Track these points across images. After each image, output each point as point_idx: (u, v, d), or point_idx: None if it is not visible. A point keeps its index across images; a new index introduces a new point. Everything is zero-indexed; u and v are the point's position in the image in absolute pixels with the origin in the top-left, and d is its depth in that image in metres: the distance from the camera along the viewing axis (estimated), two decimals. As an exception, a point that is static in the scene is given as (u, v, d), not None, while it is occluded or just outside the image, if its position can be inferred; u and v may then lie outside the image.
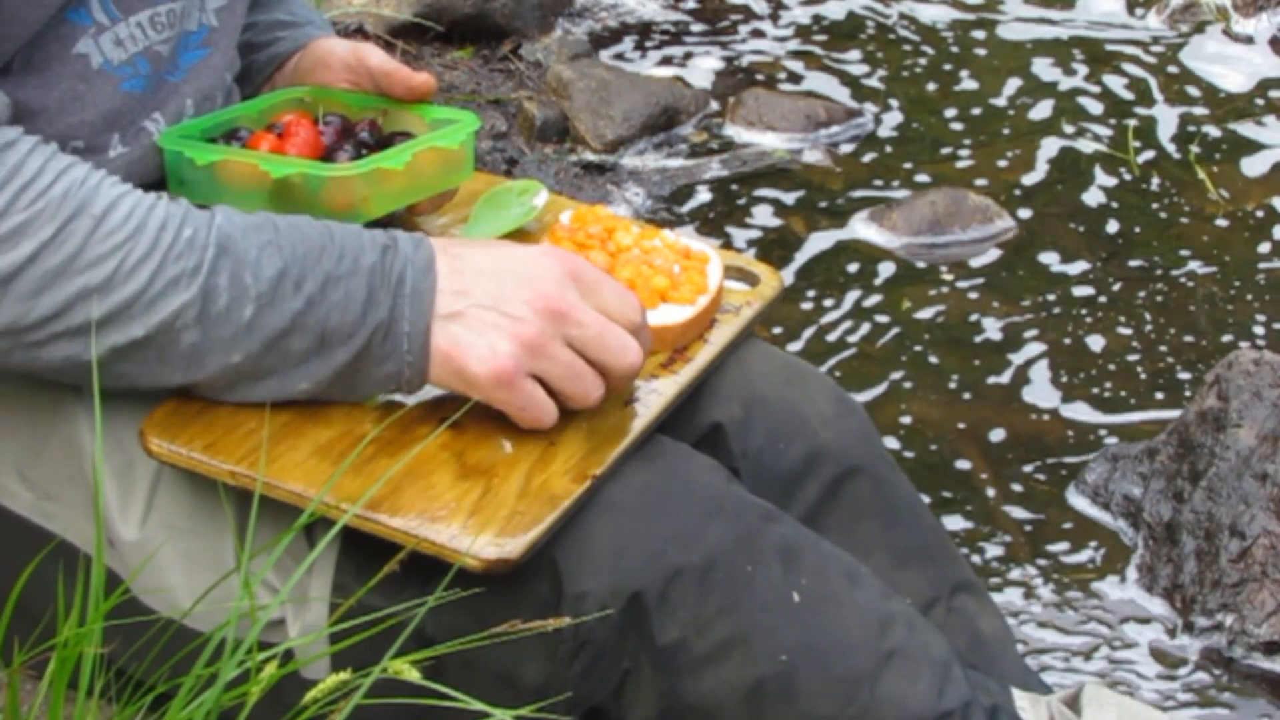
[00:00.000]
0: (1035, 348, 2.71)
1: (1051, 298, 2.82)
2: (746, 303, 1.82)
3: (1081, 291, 2.83)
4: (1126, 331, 2.74)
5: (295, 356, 1.55)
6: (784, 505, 1.76)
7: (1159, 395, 2.62)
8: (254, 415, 1.62)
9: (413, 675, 1.42)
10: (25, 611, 1.56)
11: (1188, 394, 2.62)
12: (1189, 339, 2.73)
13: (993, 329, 2.74)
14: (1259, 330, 2.75)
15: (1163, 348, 2.72)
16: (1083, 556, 2.35)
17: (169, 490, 1.63)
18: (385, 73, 1.83)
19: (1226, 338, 2.74)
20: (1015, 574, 2.32)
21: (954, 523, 2.38)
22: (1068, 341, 2.73)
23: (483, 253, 1.60)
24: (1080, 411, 2.60)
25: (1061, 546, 2.37)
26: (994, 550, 2.35)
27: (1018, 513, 2.42)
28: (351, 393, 1.59)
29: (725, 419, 1.79)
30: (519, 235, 1.85)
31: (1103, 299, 2.81)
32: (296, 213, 1.70)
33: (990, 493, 2.45)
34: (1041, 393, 2.63)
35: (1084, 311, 2.79)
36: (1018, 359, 2.69)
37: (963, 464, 2.49)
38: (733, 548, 1.63)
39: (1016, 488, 2.46)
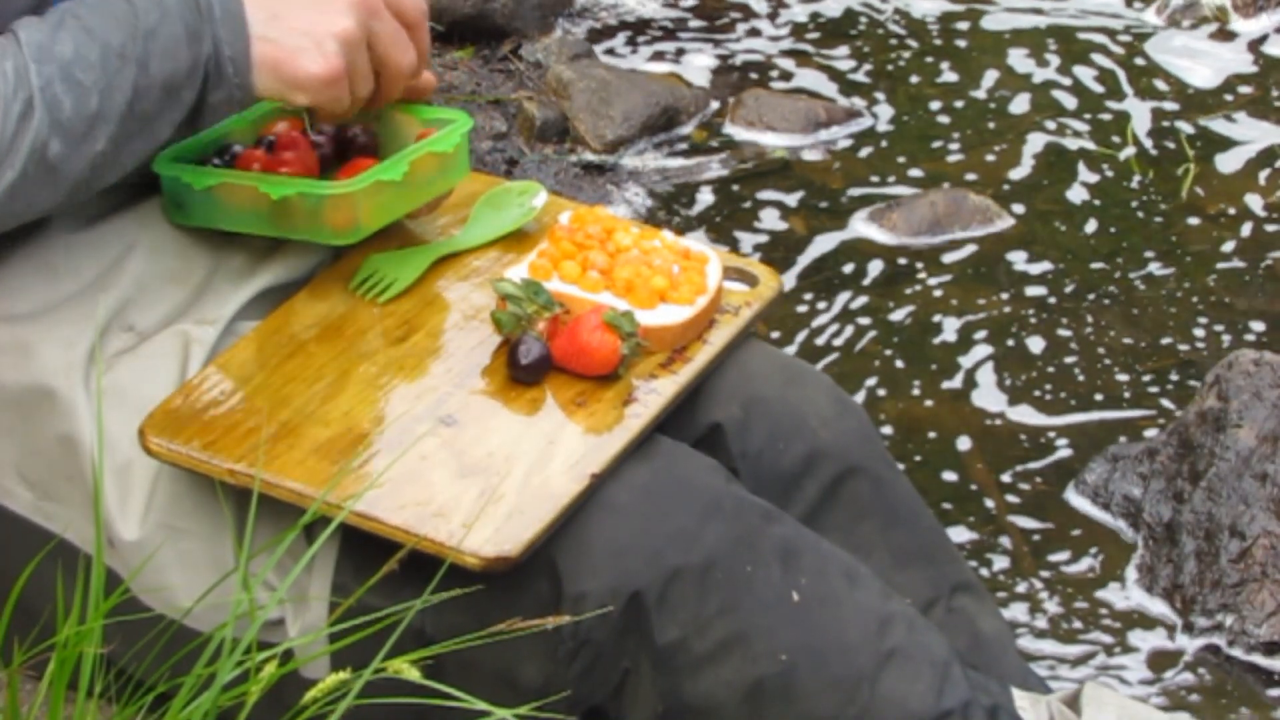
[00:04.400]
0: (1035, 346, 2.71)
1: (1050, 298, 2.82)
2: (746, 303, 1.82)
3: (1081, 291, 2.83)
4: (1128, 330, 2.74)
5: (150, 115, 1.60)
6: (783, 505, 1.76)
7: (1156, 394, 2.62)
8: (253, 414, 1.62)
9: (413, 674, 1.42)
10: (25, 611, 1.56)
11: (1180, 385, 2.62)
12: (1189, 338, 2.73)
13: (992, 328, 2.74)
14: (1259, 330, 2.75)
15: (1166, 346, 2.72)
16: (1082, 557, 2.35)
17: (168, 490, 1.63)
18: (383, 76, 1.83)
19: (1226, 337, 2.73)
20: (1014, 575, 2.32)
21: (953, 523, 2.38)
22: (1068, 340, 2.72)
23: None
24: (1080, 411, 2.59)
25: (1061, 547, 2.37)
26: (993, 550, 2.35)
27: (1017, 513, 2.42)
28: (201, 124, 1.65)
29: (725, 419, 1.79)
30: (519, 236, 1.85)
31: (1101, 298, 2.81)
32: (299, 232, 1.71)
33: (990, 493, 2.45)
34: (1041, 392, 2.62)
35: (1083, 310, 2.79)
36: (1017, 358, 2.69)
37: (962, 464, 2.49)
38: (732, 548, 1.63)
39: (1016, 488, 2.46)
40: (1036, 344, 2.72)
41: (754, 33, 3.43)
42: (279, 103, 1.71)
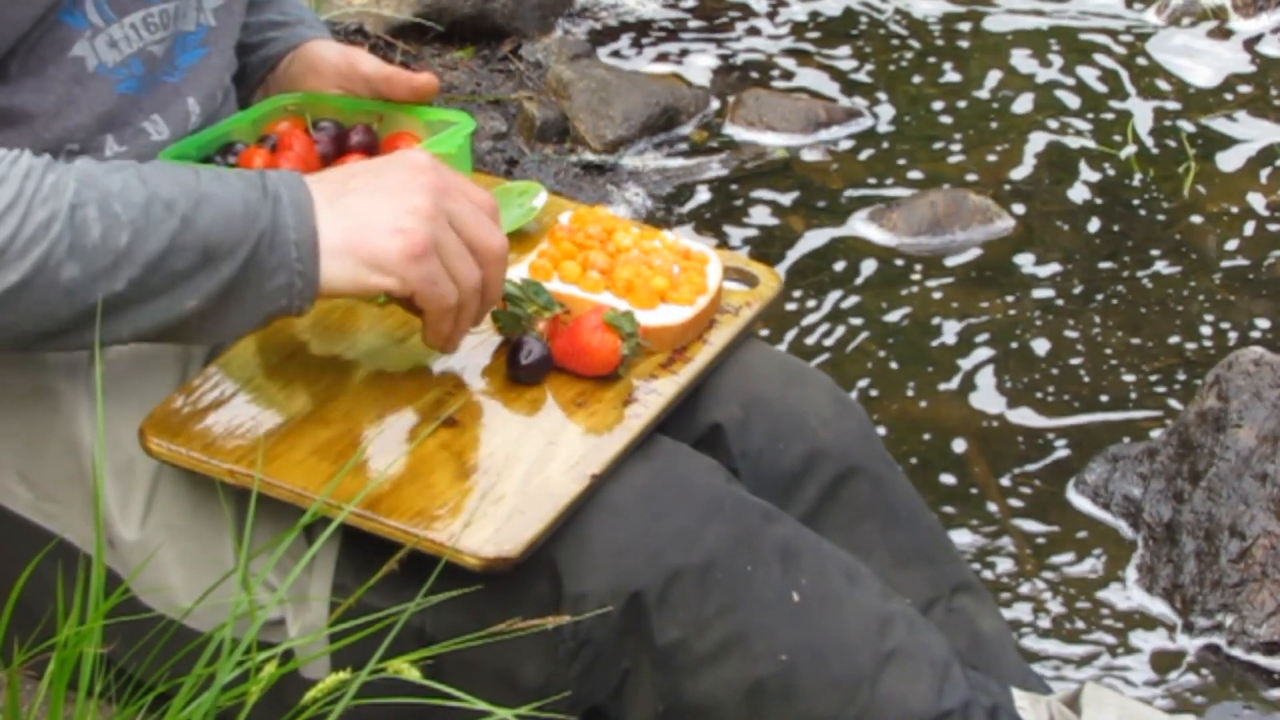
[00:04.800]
0: (1036, 347, 2.71)
1: (1051, 297, 2.82)
2: (746, 303, 1.82)
3: (1082, 291, 2.83)
4: (1128, 330, 2.74)
5: (180, 275, 1.52)
6: (783, 505, 1.76)
7: (1159, 394, 2.62)
8: (253, 414, 1.62)
9: (413, 674, 1.42)
10: (25, 611, 1.56)
11: (1180, 385, 2.62)
12: (1190, 337, 2.73)
13: (992, 329, 2.75)
14: (1262, 328, 2.75)
15: (1166, 346, 2.72)
16: (1083, 557, 2.35)
17: (169, 490, 1.63)
18: (384, 77, 1.82)
19: (1231, 335, 2.74)
20: (1014, 574, 2.32)
21: (952, 522, 2.38)
22: (1068, 340, 2.73)
23: (352, 162, 1.64)
24: (1081, 411, 2.60)
25: (1061, 547, 2.37)
26: (992, 550, 2.35)
27: (1017, 513, 2.42)
28: (243, 312, 1.56)
29: (725, 419, 1.79)
30: (519, 236, 1.85)
31: (1101, 298, 2.81)
32: None
33: (989, 493, 2.45)
34: (1041, 391, 2.63)
35: (1083, 310, 2.79)
36: (1018, 358, 2.69)
37: (961, 464, 2.50)
38: (732, 548, 1.63)
39: (1016, 488, 2.46)
40: (1037, 344, 2.72)
41: (754, 32, 3.43)
42: (354, 299, 1.65)
